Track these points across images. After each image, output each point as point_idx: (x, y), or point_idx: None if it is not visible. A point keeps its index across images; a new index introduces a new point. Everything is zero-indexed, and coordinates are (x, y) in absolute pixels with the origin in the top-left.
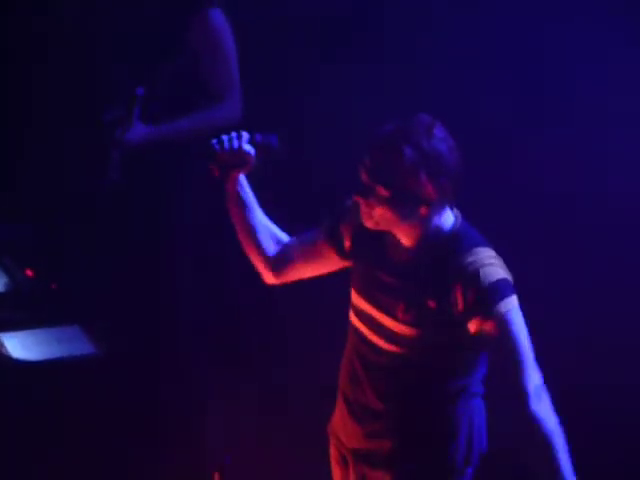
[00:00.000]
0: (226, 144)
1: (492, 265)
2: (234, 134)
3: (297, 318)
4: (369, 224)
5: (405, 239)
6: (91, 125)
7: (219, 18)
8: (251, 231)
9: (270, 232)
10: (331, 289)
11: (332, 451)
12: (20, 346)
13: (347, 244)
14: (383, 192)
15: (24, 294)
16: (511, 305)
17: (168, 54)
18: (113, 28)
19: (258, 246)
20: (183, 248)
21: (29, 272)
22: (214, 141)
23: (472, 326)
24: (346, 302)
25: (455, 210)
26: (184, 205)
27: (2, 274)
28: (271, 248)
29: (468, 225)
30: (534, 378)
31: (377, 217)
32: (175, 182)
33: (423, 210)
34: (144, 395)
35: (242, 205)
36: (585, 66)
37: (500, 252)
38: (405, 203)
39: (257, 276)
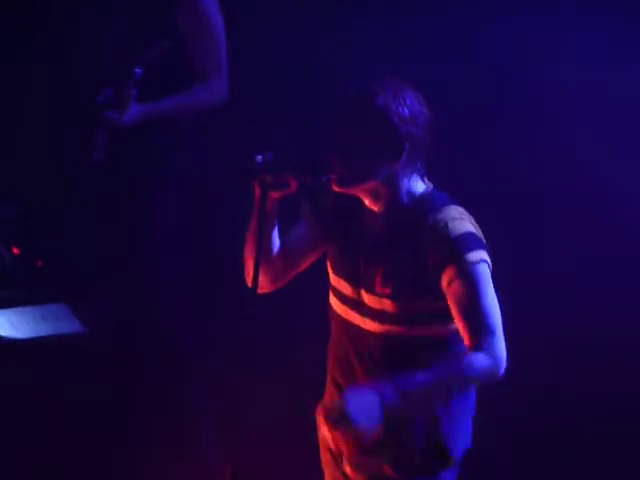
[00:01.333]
0: (273, 166)
1: (462, 219)
2: (281, 159)
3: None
4: (336, 184)
5: (375, 206)
6: (78, 106)
7: None
8: (268, 249)
9: (278, 247)
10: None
11: (321, 437)
12: (7, 324)
13: (325, 223)
14: (353, 137)
15: (10, 272)
16: (479, 257)
17: (157, 35)
18: (101, 10)
19: (269, 262)
20: (168, 229)
21: (15, 250)
22: (259, 158)
23: (442, 283)
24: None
25: (427, 181)
26: (170, 186)
27: None
28: (279, 263)
29: (440, 191)
30: (499, 346)
31: (345, 171)
32: (161, 162)
33: (394, 164)
34: (130, 372)
35: (270, 225)
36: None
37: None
38: (375, 150)
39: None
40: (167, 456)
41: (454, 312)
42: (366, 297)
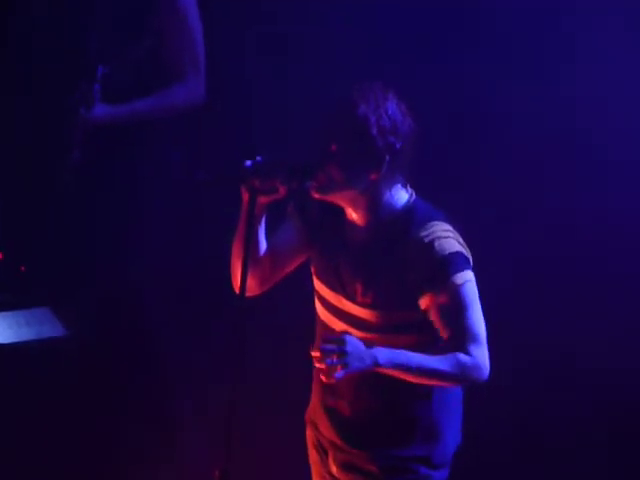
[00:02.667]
0: (261, 171)
1: (447, 238)
2: (270, 164)
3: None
4: (314, 190)
5: (357, 215)
6: (55, 104)
7: None
8: (256, 253)
9: (265, 250)
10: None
11: (309, 436)
12: None
13: (310, 228)
14: (334, 147)
15: None
16: (466, 278)
17: (135, 34)
18: (79, 8)
19: (256, 265)
20: (154, 230)
21: None
22: (248, 163)
23: (425, 300)
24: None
25: (410, 189)
26: (153, 186)
27: None
28: (266, 265)
29: (423, 201)
30: (482, 354)
31: (327, 181)
32: (140, 161)
33: (373, 175)
34: (114, 377)
35: (257, 229)
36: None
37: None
38: (354, 161)
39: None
40: (153, 458)
41: (440, 326)
42: (347, 305)
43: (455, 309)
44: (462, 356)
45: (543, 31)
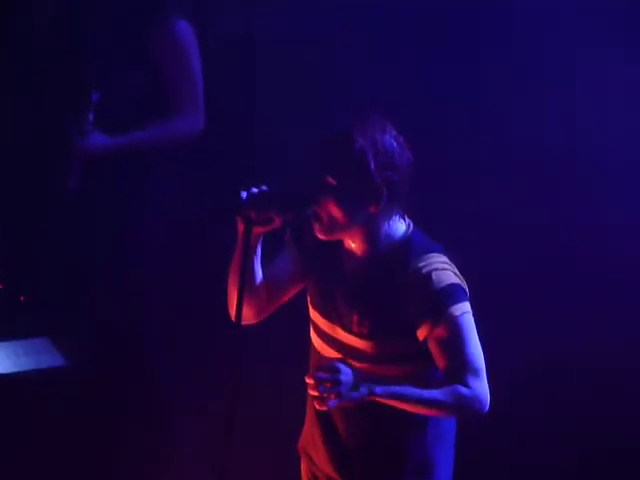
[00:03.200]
0: (257, 202)
1: (445, 270)
2: (265, 196)
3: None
4: (319, 232)
5: (356, 247)
6: (53, 132)
7: (184, 29)
8: (252, 283)
9: (261, 280)
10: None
11: (303, 468)
12: None
13: (307, 257)
14: (331, 181)
15: None
16: (463, 310)
17: (132, 65)
18: (80, 37)
19: (253, 295)
20: (150, 260)
21: None
22: (243, 194)
23: (422, 332)
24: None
25: (407, 219)
26: (150, 216)
27: None
28: (262, 295)
29: (421, 232)
30: (481, 386)
31: (326, 218)
32: (138, 191)
33: (372, 208)
34: (112, 408)
35: (253, 260)
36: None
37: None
38: (353, 195)
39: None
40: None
41: (438, 358)
42: (343, 335)
43: (453, 341)
44: (461, 388)
45: (543, 51)
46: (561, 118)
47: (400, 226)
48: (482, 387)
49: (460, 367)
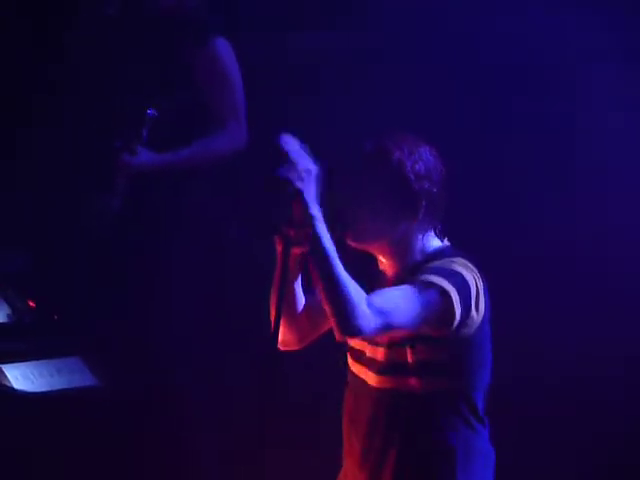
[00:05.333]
0: (295, 222)
1: (455, 263)
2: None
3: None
4: (350, 239)
5: (388, 263)
6: (95, 153)
7: (224, 47)
8: (292, 306)
9: (303, 304)
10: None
11: None
12: (21, 377)
13: None
14: (369, 196)
15: (26, 325)
16: (440, 285)
17: (174, 83)
18: (121, 58)
19: (294, 319)
20: (185, 278)
21: (31, 303)
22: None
23: None
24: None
25: (442, 236)
26: (185, 236)
27: (4, 305)
28: (304, 321)
29: (457, 248)
30: (372, 315)
31: (360, 227)
32: (175, 209)
33: (408, 221)
34: (143, 428)
35: (292, 281)
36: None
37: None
38: (390, 208)
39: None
40: None
41: None
42: (370, 350)
43: (399, 288)
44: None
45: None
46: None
47: (435, 242)
48: (369, 316)
49: (377, 298)
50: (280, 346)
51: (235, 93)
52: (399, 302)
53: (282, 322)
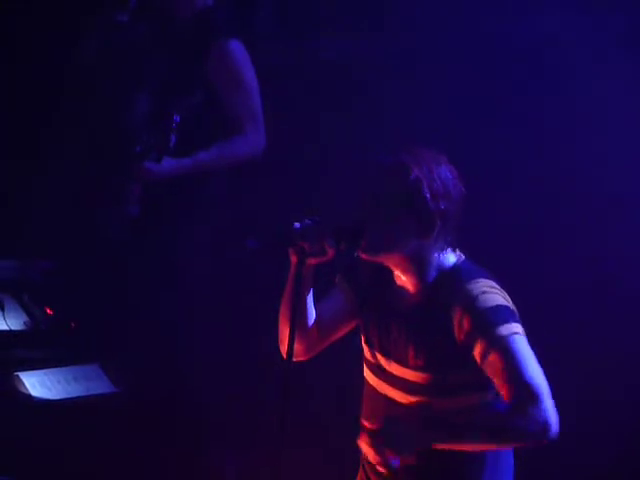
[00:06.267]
0: (310, 233)
1: (493, 292)
2: (320, 227)
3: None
4: (363, 252)
5: (406, 279)
6: (112, 159)
7: (238, 49)
8: (303, 316)
9: (314, 315)
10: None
11: None
12: (39, 384)
13: (360, 294)
14: (385, 209)
15: (43, 332)
16: (512, 330)
17: (191, 88)
18: (136, 61)
19: (304, 330)
20: (199, 286)
21: (48, 310)
22: (297, 225)
23: (477, 355)
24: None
25: (458, 251)
26: (200, 244)
27: (22, 312)
28: (314, 331)
29: (471, 262)
30: (541, 409)
31: (375, 241)
32: (188, 218)
33: (423, 238)
34: (161, 434)
35: (305, 291)
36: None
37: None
38: (405, 225)
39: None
40: None
41: (497, 384)
42: (399, 369)
43: (506, 364)
44: (516, 416)
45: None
46: None
47: (450, 257)
48: (540, 413)
49: (517, 392)
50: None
51: (252, 96)
52: (524, 380)
53: (297, 333)
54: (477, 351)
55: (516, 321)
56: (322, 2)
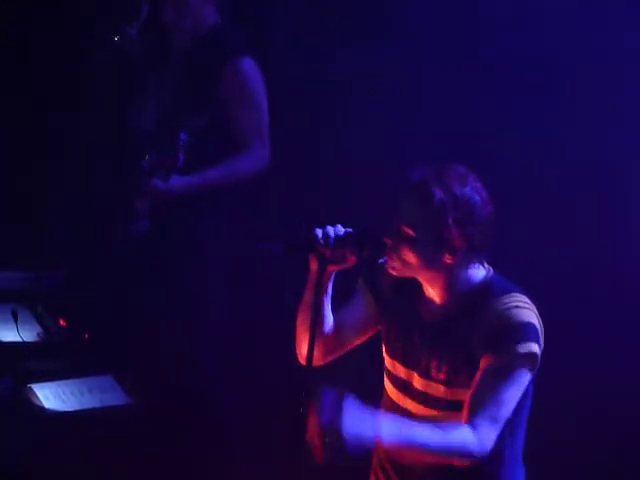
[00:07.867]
0: (331, 241)
1: (525, 308)
2: (341, 232)
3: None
4: (393, 270)
5: (433, 291)
6: (122, 174)
7: (250, 67)
8: (322, 323)
9: (332, 321)
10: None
11: None
12: (52, 396)
13: (382, 303)
14: (408, 232)
15: (57, 344)
16: (530, 349)
17: (201, 104)
18: (147, 78)
19: (322, 336)
20: (214, 298)
21: (62, 322)
22: (318, 232)
23: (484, 360)
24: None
25: (487, 265)
26: (215, 255)
27: (35, 324)
28: (332, 336)
29: (500, 276)
30: (491, 435)
31: (401, 261)
32: (200, 229)
33: (448, 258)
34: (174, 447)
35: (325, 298)
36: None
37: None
38: (429, 247)
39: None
40: None
41: (473, 386)
42: (420, 382)
43: (498, 375)
44: (464, 433)
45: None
46: None
47: (479, 272)
48: (490, 438)
49: (482, 409)
50: (304, 361)
51: (261, 113)
52: (503, 398)
53: (316, 340)
54: (487, 356)
55: (537, 341)
56: (334, 14)
